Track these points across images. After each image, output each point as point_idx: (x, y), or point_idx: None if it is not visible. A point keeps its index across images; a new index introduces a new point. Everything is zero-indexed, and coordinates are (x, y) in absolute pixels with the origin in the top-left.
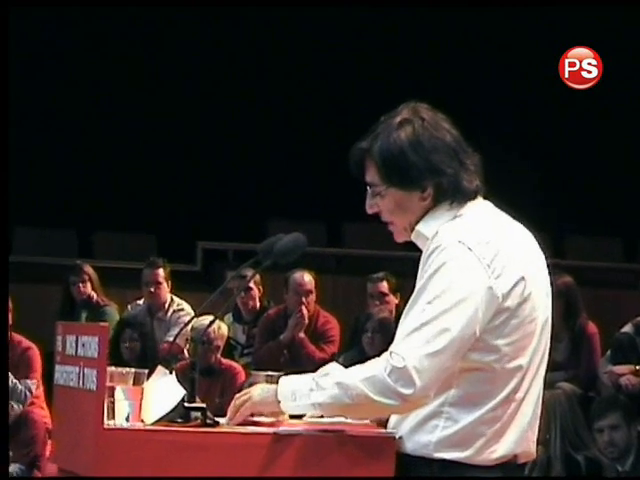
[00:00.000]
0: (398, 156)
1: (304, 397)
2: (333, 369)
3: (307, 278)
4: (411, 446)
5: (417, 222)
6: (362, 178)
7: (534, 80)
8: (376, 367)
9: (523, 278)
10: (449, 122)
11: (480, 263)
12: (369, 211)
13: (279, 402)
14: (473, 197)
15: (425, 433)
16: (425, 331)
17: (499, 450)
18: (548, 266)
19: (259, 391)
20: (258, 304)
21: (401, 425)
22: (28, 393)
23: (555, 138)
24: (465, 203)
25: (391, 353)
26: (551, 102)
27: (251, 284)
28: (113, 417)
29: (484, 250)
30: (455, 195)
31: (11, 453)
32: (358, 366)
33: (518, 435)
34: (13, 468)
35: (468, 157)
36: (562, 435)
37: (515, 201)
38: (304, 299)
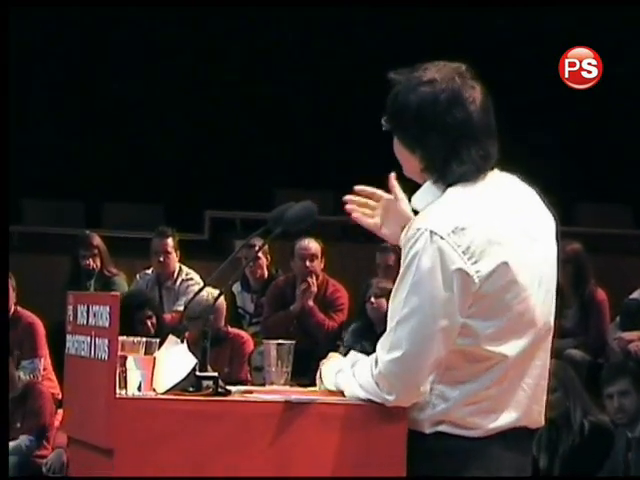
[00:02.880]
0: (402, 109)
1: (330, 384)
2: (347, 365)
3: (312, 244)
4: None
5: (416, 181)
6: None
7: (534, 80)
8: (367, 372)
9: (506, 262)
10: (481, 102)
11: (454, 251)
12: (384, 128)
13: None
14: (461, 181)
15: (417, 411)
16: (398, 333)
17: (497, 424)
18: (557, 233)
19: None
20: (266, 273)
21: None
22: (37, 373)
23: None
24: (452, 185)
25: (376, 359)
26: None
27: (259, 253)
28: (125, 386)
29: (459, 237)
30: (439, 178)
31: (19, 424)
32: (361, 365)
33: (519, 412)
34: (22, 439)
35: (470, 146)
36: (581, 403)
37: (525, 170)
38: (308, 263)
